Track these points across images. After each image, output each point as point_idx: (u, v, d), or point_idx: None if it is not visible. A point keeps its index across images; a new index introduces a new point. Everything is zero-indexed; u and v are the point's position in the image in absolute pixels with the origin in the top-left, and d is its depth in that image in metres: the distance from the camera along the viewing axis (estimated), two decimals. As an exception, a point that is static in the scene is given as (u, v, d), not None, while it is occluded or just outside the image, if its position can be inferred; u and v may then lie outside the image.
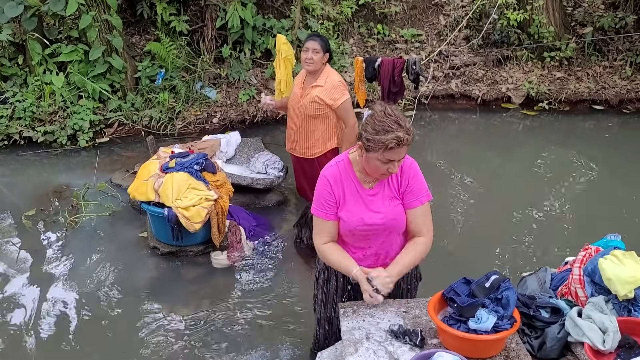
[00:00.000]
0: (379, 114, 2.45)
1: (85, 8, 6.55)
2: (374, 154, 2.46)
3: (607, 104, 7.61)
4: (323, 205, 2.65)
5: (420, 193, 2.65)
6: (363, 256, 2.75)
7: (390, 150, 2.42)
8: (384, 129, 2.41)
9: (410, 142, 2.45)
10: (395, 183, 2.65)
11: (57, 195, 5.58)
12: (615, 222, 4.93)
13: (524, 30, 7.97)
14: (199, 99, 7.19)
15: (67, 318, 4.02)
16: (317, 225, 2.71)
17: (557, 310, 2.70)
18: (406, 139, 2.43)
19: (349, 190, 2.63)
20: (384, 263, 2.75)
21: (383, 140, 2.41)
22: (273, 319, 3.96)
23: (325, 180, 2.64)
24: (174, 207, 4.26)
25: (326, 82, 4.53)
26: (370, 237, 2.69)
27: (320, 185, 2.66)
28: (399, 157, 2.48)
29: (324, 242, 2.71)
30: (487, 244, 4.78)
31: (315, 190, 2.70)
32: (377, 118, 2.44)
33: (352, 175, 2.64)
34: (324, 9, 8.00)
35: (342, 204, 2.64)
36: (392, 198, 2.64)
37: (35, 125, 6.61)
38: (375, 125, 2.43)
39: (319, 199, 2.66)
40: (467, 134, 7.24)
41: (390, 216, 2.63)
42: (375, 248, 2.73)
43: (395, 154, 2.45)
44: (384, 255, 2.76)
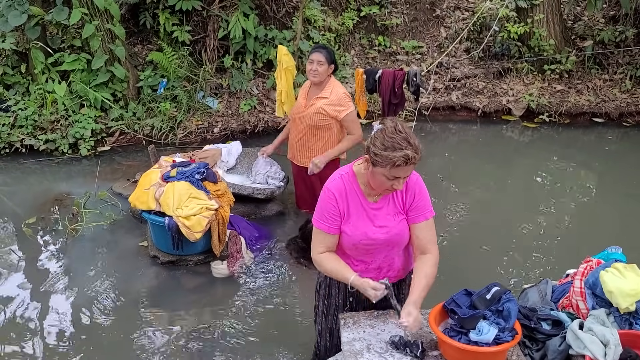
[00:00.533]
0: (389, 129, 2.43)
1: (89, 17, 6.59)
2: (380, 169, 2.44)
3: (607, 117, 7.64)
4: (326, 218, 2.62)
5: (425, 209, 2.64)
6: (365, 269, 2.73)
7: (397, 168, 2.41)
8: (393, 145, 2.40)
9: (418, 160, 2.44)
10: (400, 198, 2.63)
11: (58, 204, 5.58)
12: (617, 234, 4.93)
13: (525, 43, 8.01)
14: (201, 108, 7.21)
15: (66, 326, 4.01)
16: (317, 237, 2.68)
17: (558, 322, 2.70)
18: (414, 158, 2.42)
19: (354, 204, 2.61)
20: (386, 275, 2.74)
21: (391, 157, 2.39)
22: (273, 330, 3.95)
23: (330, 194, 2.61)
24: (174, 216, 4.26)
25: (331, 94, 4.55)
26: (374, 252, 2.68)
27: (325, 199, 2.62)
28: (405, 174, 2.47)
29: (320, 252, 2.68)
30: (488, 255, 4.78)
31: (318, 203, 2.67)
32: (387, 134, 2.42)
33: (357, 188, 2.62)
34: (325, 21, 8.05)
35: (347, 217, 2.62)
36: (396, 213, 2.63)
37: (37, 134, 6.63)
38: (384, 141, 2.41)
39: (323, 212, 2.63)
40: (468, 146, 7.26)
41: (394, 231, 2.62)
42: (378, 262, 2.72)
43: (401, 172, 2.44)
44: (387, 269, 2.74)
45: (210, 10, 7.62)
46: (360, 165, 2.60)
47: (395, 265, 2.74)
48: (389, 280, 2.59)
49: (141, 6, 7.68)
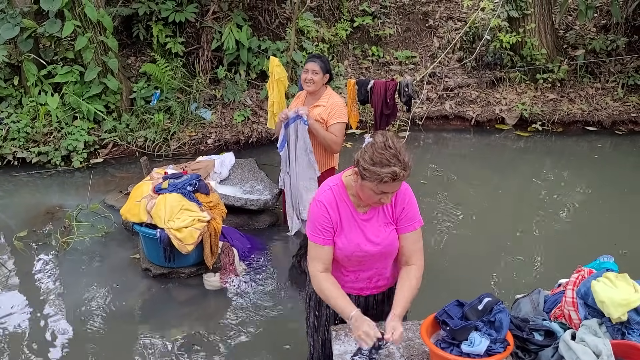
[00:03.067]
0: (379, 144, 2.38)
1: (81, 30, 6.59)
2: (368, 184, 2.40)
3: (599, 125, 7.67)
4: (320, 230, 2.57)
5: (414, 219, 2.62)
6: (356, 279, 2.71)
7: (384, 184, 2.37)
8: (381, 161, 2.35)
9: (407, 177, 2.40)
10: (390, 209, 2.61)
11: (50, 217, 5.55)
12: (609, 243, 4.92)
13: (517, 53, 8.06)
14: (194, 119, 7.21)
15: (57, 340, 3.97)
16: (313, 250, 2.62)
17: (550, 333, 2.67)
18: (402, 175, 2.37)
19: (345, 215, 2.58)
20: (376, 285, 2.72)
21: (378, 173, 2.35)
22: (266, 342, 3.92)
23: (322, 205, 2.56)
24: (166, 229, 4.24)
25: (328, 102, 4.55)
26: (365, 262, 2.65)
27: (316, 211, 2.58)
28: (393, 190, 2.44)
29: (320, 271, 2.61)
30: (480, 265, 4.76)
31: (309, 215, 2.63)
32: (377, 148, 2.37)
33: (347, 199, 2.59)
34: (318, 31, 8.08)
35: (339, 229, 2.58)
36: (387, 224, 2.60)
37: (30, 146, 6.61)
38: (373, 156, 2.37)
39: (315, 224, 2.58)
40: (461, 155, 7.27)
41: (386, 242, 2.60)
42: (369, 272, 2.70)
43: (389, 187, 2.40)
44: (377, 278, 2.73)
45: (203, 22, 7.64)
46: (350, 176, 2.57)
47: (385, 274, 2.73)
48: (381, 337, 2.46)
49: (134, 18, 7.70)
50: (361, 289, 2.73)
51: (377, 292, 2.77)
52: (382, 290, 2.74)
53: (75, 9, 6.52)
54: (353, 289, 2.73)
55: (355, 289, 2.74)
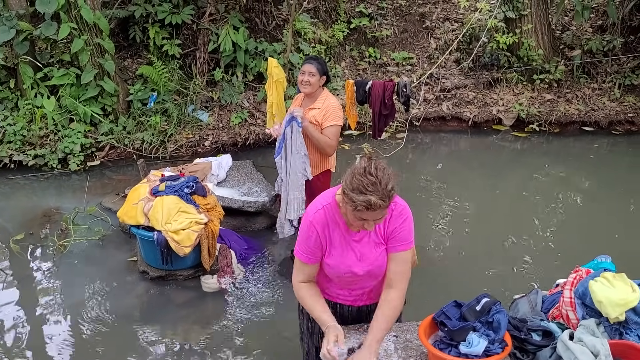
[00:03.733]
0: (359, 170, 2.28)
1: (78, 32, 6.58)
2: (349, 208, 2.32)
3: (596, 126, 7.68)
4: (306, 249, 2.52)
5: (405, 240, 2.51)
6: (349, 294, 2.68)
7: (359, 211, 2.27)
8: (358, 187, 2.25)
9: (386, 206, 2.28)
10: (382, 227, 2.51)
11: (47, 220, 5.53)
12: (606, 243, 4.93)
13: (514, 53, 8.07)
14: (191, 121, 7.20)
15: (55, 343, 3.96)
16: (298, 264, 2.59)
17: (548, 333, 2.67)
18: (377, 205, 2.24)
19: (336, 236, 2.50)
20: (370, 296, 2.69)
21: (354, 200, 2.25)
22: (263, 344, 3.91)
23: (312, 227, 2.48)
24: (163, 231, 4.22)
25: (323, 105, 4.52)
26: (357, 282, 2.61)
27: (306, 231, 2.50)
28: (373, 218, 2.32)
29: (301, 281, 2.60)
30: (478, 266, 4.76)
31: (299, 233, 2.56)
32: (356, 174, 2.27)
33: (339, 219, 2.50)
34: (315, 33, 8.08)
35: (329, 249, 2.52)
36: (377, 244, 2.51)
37: (26, 149, 6.59)
38: (352, 181, 2.27)
39: (304, 244, 2.52)
40: (459, 156, 7.27)
41: (376, 264, 2.53)
42: (361, 287, 2.65)
43: (366, 215, 2.30)
44: (369, 290, 2.68)
45: (200, 24, 7.64)
46: (339, 195, 2.46)
47: (375, 290, 2.67)
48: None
49: (131, 20, 7.70)
50: (354, 301, 2.71)
51: (369, 303, 2.72)
52: (375, 300, 2.67)
53: (71, 12, 6.51)
54: (346, 300, 2.70)
55: (347, 300, 2.71)
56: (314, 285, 2.63)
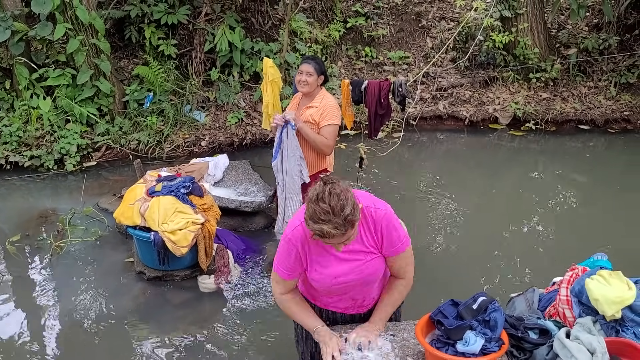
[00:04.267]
0: (313, 197, 2.19)
1: (73, 32, 6.57)
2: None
3: (593, 124, 7.69)
4: (286, 266, 2.47)
5: (399, 241, 2.47)
6: (339, 300, 2.64)
7: (321, 239, 2.22)
8: (311, 216, 2.18)
9: (343, 233, 2.18)
10: (369, 237, 2.45)
11: (43, 221, 5.52)
12: (602, 241, 4.93)
13: (510, 52, 8.08)
14: (188, 122, 7.19)
15: (51, 344, 3.95)
16: (277, 280, 2.55)
17: (545, 331, 2.68)
18: (331, 234, 2.16)
19: (316, 250, 2.43)
20: (362, 305, 2.67)
21: (310, 227, 2.20)
22: (261, 345, 3.91)
23: (291, 245, 2.41)
24: (160, 231, 4.22)
25: (321, 104, 4.51)
26: (348, 291, 2.57)
27: (285, 247, 2.44)
28: (334, 242, 2.26)
29: (281, 293, 2.57)
30: (475, 264, 4.77)
31: (278, 249, 2.50)
32: (311, 200, 2.19)
33: None
34: (312, 32, 8.08)
35: (310, 265, 2.46)
36: (366, 253, 2.45)
37: (22, 150, 6.58)
38: (307, 207, 2.20)
39: (283, 260, 2.47)
40: (455, 155, 7.28)
41: (366, 271, 2.48)
42: (351, 295, 2.61)
43: (328, 241, 2.24)
44: (361, 299, 2.65)
45: (196, 24, 7.63)
46: None
47: (370, 295, 2.65)
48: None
49: (126, 20, 7.68)
50: (346, 308, 2.68)
51: (362, 312, 2.69)
52: (368, 308, 2.67)
53: (66, 12, 6.49)
54: (337, 307, 2.69)
55: (339, 308, 2.69)
56: (295, 294, 2.62)
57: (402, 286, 2.59)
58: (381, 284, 2.67)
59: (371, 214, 2.42)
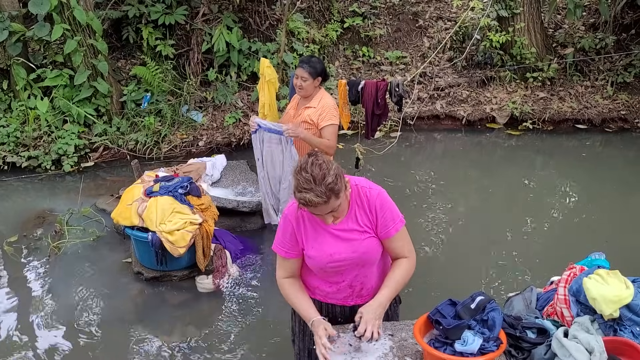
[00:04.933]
0: (297, 168, 2.32)
1: (71, 33, 6.55)
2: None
3: (590, 123, 7.71)
4: (283, 243, 2.57)
5: (393, 221, 2.53)
6: (337, 289, 2.65)
7: (306, 207, 2.33)
8: (296, 186, 2.30)
9: (326, 201, 2.28)
10: (364, 216, 2.52)
11: (40, 221, 5.51)
12: (600, 240, 4.95)
13: (507, 52, 8.09)
14: (185, 122, 7.19)
15: (49, 345, 3.95)
16: (279, 261, 2.66)
17: (543, 330, 2.69)
18: (314, 202, 2.27)
19: (314, 228, 2.52)
20: (360, 294, 2.67)
21: (296, 197, 2.32)
22: (259, 345, 3.91)
23: (288, 221, 2.54)
24: (158, 232, 4.21)
25: (319, 104, 4.52)
26: (343, 272, 2.59)
27: (282, 223, 2.57)
28: (321, 212, 2.36)
29: (284, 277, 2.65)
30: (472, 264, 4.78)
31: (278, 228, 2.62)
32: (295, 171, 2.32)
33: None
34: (309, 32, 8.08)
35: (306, 242, 2.54)
36: (361, 232, 2.52)
37: (19, 150, 6.56)
38: (294, 177, 2.33)
39: (280, 237, 2.58)
40: (453, 155, 7.29)
41: (361, 250, 2.52)
42: (349, 280, 2.62)
43: (314, 211, 2.35)
44: (359, 287, 2.65)
45: (193, 24, 7.62)
46: None
47: (368, 284, 2.65)
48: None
49: (124, 21, 7.67)
50: (345, 299, 2.68)
51: (361, 302, 2.66)
52: (367, 299, 2.64)
53: (64, 12, 6.48)
54: (336, 299, 2.68)
55: (338, 299, 2.69)
56: (297, 280, 2.66)
57: (404, 263, 2.60)
58: (379, 272, 2.68)
59: (366, 194, 2.52)
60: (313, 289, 2.69)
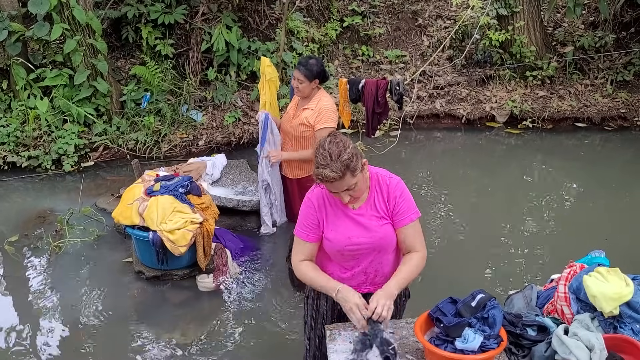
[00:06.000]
0: (316, 146, 2.46)
1: (70, 33, 6.55)
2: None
3: (589, 122, 7.71)
4: (305, 226, 2.66)
5: (409, 211, 2.64)
6: (352, 275, 2.72)
7: (324, 184, 2.44)
8: (316, 163, 2.43)
9: (341, 177, 2.39)
10: (382, 203, 2.63)
11: (41, 221, 5.51)
12: (600, 238, 4.96)
13: (506, 50, 8.09)
14: (185, 121, 7.19)
15: (51, 344, 3.95)
16: (297, 244, 2.72)
17: (543, 328, 2.69)
18: (331, 177, 2.38)
19: (333, 212, 2.62)
20: (374, 282, 2.72)
21: (315, 173, 2.43)
22: (260, 343, 3.92)
23: (310, 203, 2.65)
24: (158, 231, 4.22)
25: (317, 106, 4.51)
26: (359, 257, 2.67)
27: (304, 207, 2.67)
28: (338, 189, 2.46)
29: (301, 260, 2.70)
30: (473, 262, 4.78)
31: (300, 211, 2.71)
32: (316, 149, 2.46)
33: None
34: (308, 32, 8.08)
35: (327, 225, 2.64)
36: (379, 218, 2.63)
37: (20, 150, 6.56)
38: (315, 156, 2.45)
39: (302, 220, 2.67)
40: (453, 153, 7.29)
41: (378, 235, 2.61)
42: (363, 266, 2.70)
43: (331, 187, 2.46)
44: (374, 274, 2.73)
45: (193, 24, 7.62)
46: None
47: (382, 270, 2.72)
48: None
49: (123, 20, 7.67)
50: (358, 286, 2.71)
51: (374, 290, 2.69)
52: (380, 287, 2.67)
53: (63, 12, 6.48)
54: (350, 286, 2.68)
55: (352, 286, 2.68)
56: (313, 263, 2.72)
57: (416, 257, 2.65)
58: (393, 261, 2.75)
59: (386, 182, 2.64)
60: (328, 275, 2.73)
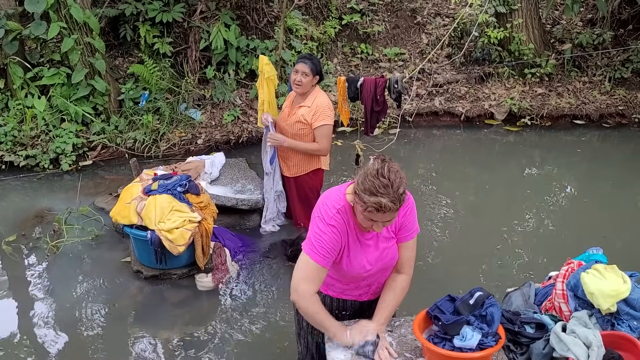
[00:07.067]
0: (371, 171, 2.30)
1: (67, 31, 6.54)
2: (359, 208, 2.35)
3: (587, 119, 7.72)
4: (327, 252, 2.47)
5: (412, 228, 2.60)
6: (355, 287, 2.72)
7: (369, 212, 2.30)
8: (370, 189, 2.27)
9: (396, 209, 2.31)
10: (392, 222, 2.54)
11: (39, 220, 5.50)
12: (597, 236, 4.96)
13: (505, 48, 8.09)
14: (184, 120, 7.18)
15: (49, 345, 3.95)
16: (312, 271, 2.50)
17: (541, 325, 2.70)
18: (388, 207, 2.26)
19: (352, 240, 2.53)
20: (374, 291, 2.74)
21: (365, 200, 2.28)
22: (259, 342, 3.92)
23: (335, 231, 2.46)
24: (157, 230, 4.22)
25: (313, 103, 4.52)
26: (368, 278, 2.67)
27: (329, 234, 2.46)
28: (382, 220, 2.34)
29: (312, 293, 2.51)
30: (471, 260, 4.78)
31: (316, 235, 2.49)
32: (368, 175, 2.30)
33: (353, 222, 2.51)
34: (307, 30, 8.07)
35: (345, 253, 2.54)
36: (388, 239, 2.58)
37: (17, 150, 6.55)
38: (364, 181, 2.30)
39: (323, 246, 2.46)
40: (452, 151, 7.29)
41: (387, 259, 2.60)
42: (368, 281, 2.70)
43: (375, 217, 2.32)
44: (376, 286, 2.74)
45: (191, 22, 7.61)
46: (350, 195, 2.46)
47: (381, 282, 2.73)
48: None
49: (121, 19, 7.65)
50: (359, 295, 2.76)
51: (374, 298, 2.77)
52: (376, 295, 2.74)
53: (60, 11, 6.46)
54: (351, 295, 2.76)
55: (353, 295, 2.76)
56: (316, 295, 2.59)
57: (404, 282, 2.65)
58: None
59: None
60: (329, 285, 2.73)
